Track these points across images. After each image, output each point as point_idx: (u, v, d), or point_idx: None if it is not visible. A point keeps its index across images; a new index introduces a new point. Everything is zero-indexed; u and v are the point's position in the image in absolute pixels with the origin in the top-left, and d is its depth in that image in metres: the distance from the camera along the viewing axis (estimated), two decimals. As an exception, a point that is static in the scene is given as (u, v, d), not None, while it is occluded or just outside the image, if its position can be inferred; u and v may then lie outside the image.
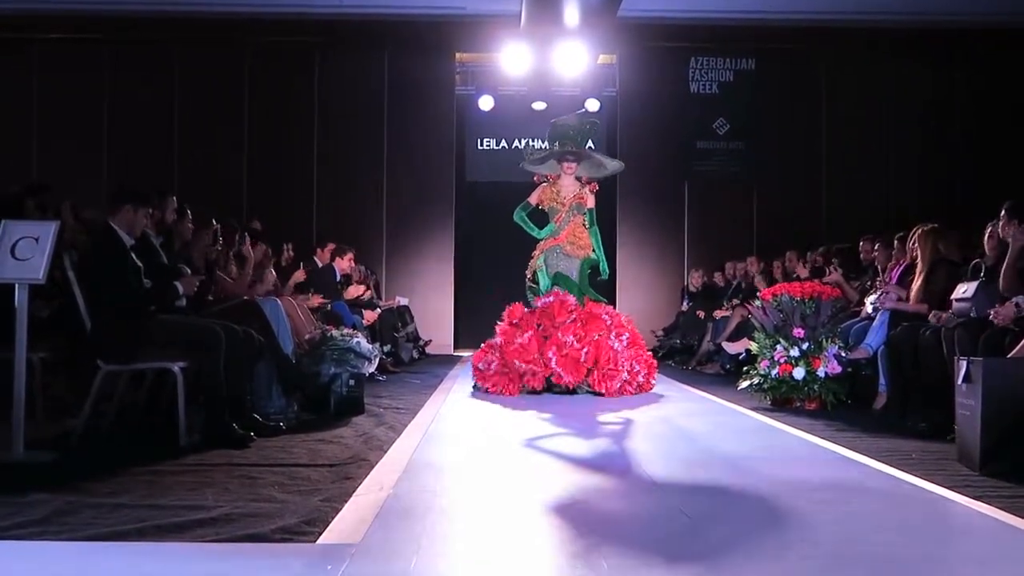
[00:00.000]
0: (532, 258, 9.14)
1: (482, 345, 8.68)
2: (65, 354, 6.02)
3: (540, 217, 9.19)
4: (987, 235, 6.71)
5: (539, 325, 8.27)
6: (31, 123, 13.94)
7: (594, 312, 8.45)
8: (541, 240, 9.10)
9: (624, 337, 8.32)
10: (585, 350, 8.01)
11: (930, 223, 7.35)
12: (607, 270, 9.27)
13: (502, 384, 8.11)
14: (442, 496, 4.07)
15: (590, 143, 9.38)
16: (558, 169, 9.13)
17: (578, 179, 9.16)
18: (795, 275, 9.99)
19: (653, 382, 8.56)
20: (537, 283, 9.02)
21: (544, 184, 9.17)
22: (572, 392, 8.02)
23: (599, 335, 8.17)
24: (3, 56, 13.81)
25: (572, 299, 8.44)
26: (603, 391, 7.97)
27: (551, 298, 8.45)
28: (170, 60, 14.17)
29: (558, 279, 8.87)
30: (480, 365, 8.44)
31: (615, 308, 9.86)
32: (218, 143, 14.12)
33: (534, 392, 8.05)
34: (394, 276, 14.48)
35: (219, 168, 13.98)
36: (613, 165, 9.55)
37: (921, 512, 3.92)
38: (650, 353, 8.68)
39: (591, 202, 9.09)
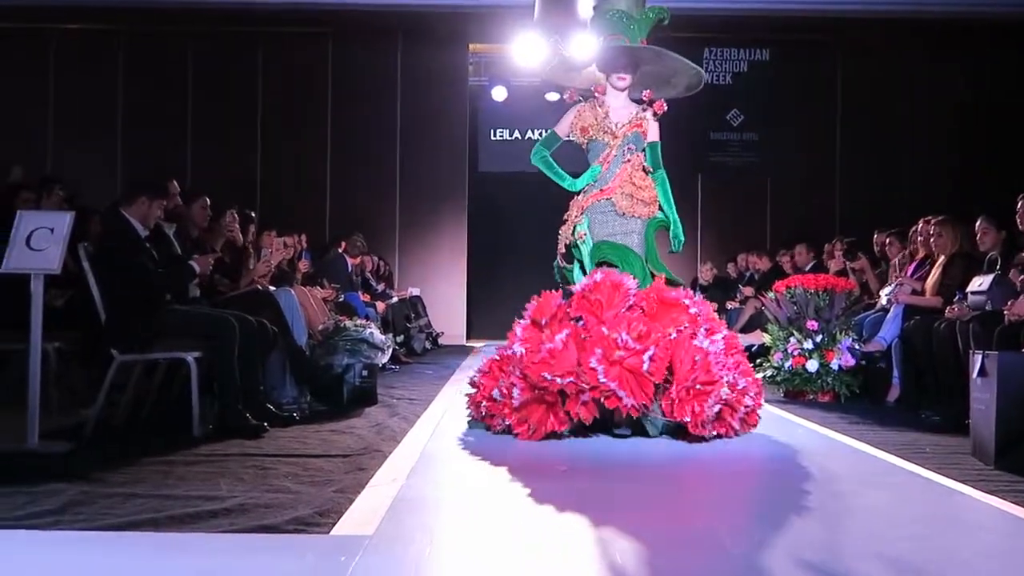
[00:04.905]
0: (564, 222, 5.99)
1: (482, 366, 5.66)
2: (79, 344, 6.05)
3: (574, 159, 6.17)
4: (981, 230, 6.72)
5: (578, 320, 5.28)
6: (46, 114, 13.97)
7: (667, 297, 5.37)
8: (578, 193, 5.97)
9: (719, 337, 5.30)
10: (650, 353, 4.96)
11: (936, 215, 7.35)
12: (682, 237, 5.92)
13: (535, 417, 5.10)
14: (455, 487, 4.08)
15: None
16: (602, 81, 6.00)
17: (637, 102, 6.02)
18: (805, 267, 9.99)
19: (759, 413, 5.47)
20: (573, 261, 5.96)
21: (581, 104, 6.00)
22: (638, 426, 5.15)
23: (678, 331, 5.16)
24: (19, 47, 13.83)
25: (631, 280, 5.39)
26: (686, 419, 4.97)
27: (598, 275, 5.40)
28: (184, 50, 14.18)
29: (608, 251, 5.74)
30: (496, 395, 5.33)
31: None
32: (231, 133, 14.12)
33: (583, 429, 5.16)
34: (407, 266, 14.49)
35: (232, 158, 13.98)
36: (690, 74, 6.05)
37: (935, 507, 3.90)
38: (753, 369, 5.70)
39: (655, 132, 5.95)
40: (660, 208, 5.90)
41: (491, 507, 3.72)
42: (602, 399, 4.95)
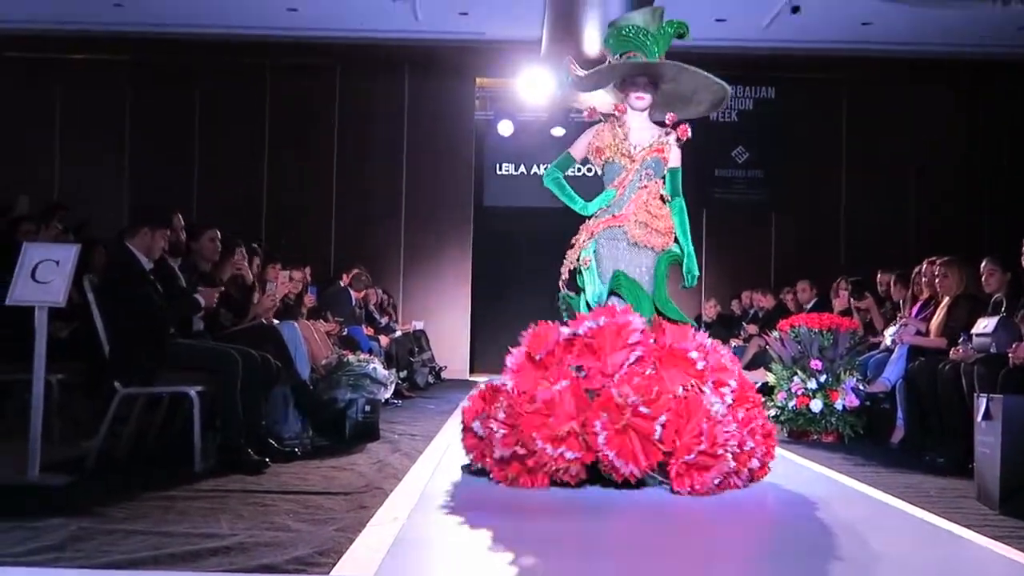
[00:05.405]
0: (572, 246, 5.59)
1: (480, 388, 5.40)
2: (83, 376, 6.05)
3: (588, 183, 5.93)
4: (987, 272, 6.72)
5: (579, 369, 4.89)
6: (54, 142, 14.04)
7: (675, 347, 4.95)
8: (590, 216, 5.56)
9: (728, 390, 4.93)
10: (661, 420, 4.60)
11: (940, 256, 7.34)
12: (696, 271, 5.53)
13: (513, 472, 4.80)
14: (456, 528, 4.04)
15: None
16: (620, 99, 5.61)
17: (659, 124, 5.64)
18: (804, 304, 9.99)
19: (770, 465, 5.15)
20: (578, 290, 5.54)
21: (600, 124, 5.62)
22: (637, 485, 4.71)
23: (686, 388, 4.80)
24: (28, 75, 13.93)
25: (637, 320, 4.99)
26: (687, 489, 4.61)
27: (600, 319, 4.94)
28: (191, 81, 14.26)
29: (624, 283, 5.36)
30: (476, 427, 5.03)
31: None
32: (237, 164, 14.19)
33: (567, 486, 4.75)
34: (411, 299, 14.49)
35: (238, 189, 14.04)
36: (713, 89, 5.58)
37: (940, 552, 3.87)
38: (765, 414, 5.33)
39: (676, 159, 5.58)
40: (675, 240, 5.50)
41: (492, 549, 3.68)
42: (598, 465, 4.64)
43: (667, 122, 5.58)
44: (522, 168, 15.28)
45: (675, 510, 4.48)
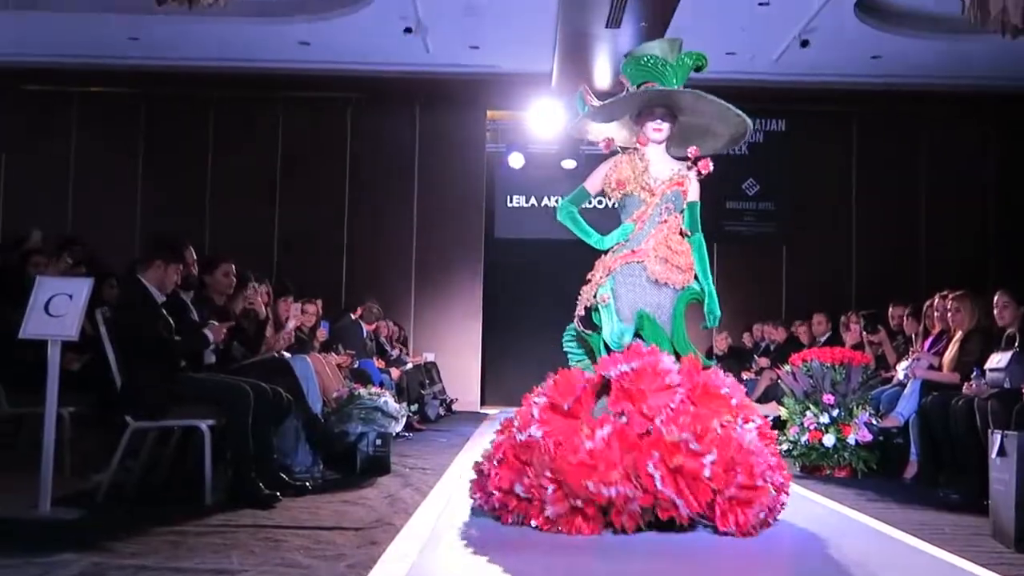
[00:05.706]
0: (588, 282, 5.38)
1: (493, 451, 4.96)
2: (95, 409, 6.05)
3: (602, 215, 5.76)
4: (1000, 304, 6.69)
5: (621, 415, 4.66)
6: (69, 173, 14.11)
7: (709, 384, 4.85)
8: (606, 251, 5.39)
9: (753, 426, 4.77)
10: (711, 457, 4.43)
11: (952, 290, 7.33)
12: (718, 312, 5.44)
13: (568, 526, 4.52)
14: (466, 567, 4.01)
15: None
16: (637, 132, 5.47)
17: (680, 159, 5.48)
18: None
19: (785, 499, 4.89)
20: (593, 328, 5.34)
21: (619, 156, 5.44)
22: (682, 528, 4.54)
23: (723, 424, 4.65)
24: (42, 109, 14.03)
25: (667, 358, 4.86)
26: (732, 528, 4.47)
27: (632, 363, 4.75)
28: (205, 114, 14.33)
29: (647, 325, 5.15)
30: (520, 491, 4.64)
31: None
32: (250, 197, 14.22)
33: (624, 532, 4.51)
34: (422, 331, 14.47)
35: (250, 222, 14.07)
36: (734, 122, 5.49)
37: (955, 591, 3.84)
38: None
39: (695, 192, 5.42)
40: (695, 277, 5.37)
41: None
42: (655, 508, 4.42)
43: (689, 155, 5.45)
44: (533, 200, 15.30)
45: (688, 549, 4.44)
